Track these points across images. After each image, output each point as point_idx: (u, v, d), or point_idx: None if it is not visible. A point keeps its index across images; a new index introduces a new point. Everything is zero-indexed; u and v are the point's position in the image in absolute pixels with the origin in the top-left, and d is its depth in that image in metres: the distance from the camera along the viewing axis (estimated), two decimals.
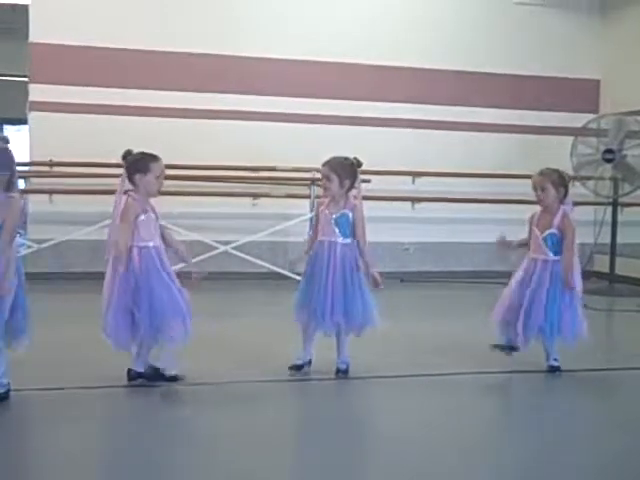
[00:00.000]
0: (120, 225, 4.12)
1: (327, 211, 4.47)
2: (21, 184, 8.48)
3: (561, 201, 4.65)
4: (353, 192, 4.49)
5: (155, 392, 4.14)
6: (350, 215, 4.44)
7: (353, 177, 4.46)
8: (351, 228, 4.43)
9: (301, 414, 4.03)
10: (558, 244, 4.61)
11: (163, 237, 4.28)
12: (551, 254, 4.61)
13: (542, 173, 4.70)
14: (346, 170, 4.43)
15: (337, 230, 4.42)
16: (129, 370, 4.20)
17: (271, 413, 3.89)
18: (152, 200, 4.28)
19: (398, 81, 8.93)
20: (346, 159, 4.49)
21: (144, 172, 4.18)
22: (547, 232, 4.62)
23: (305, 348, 4.52)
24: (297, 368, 4.50)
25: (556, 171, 4.70)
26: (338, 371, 4.51)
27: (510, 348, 4.66)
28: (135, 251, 4.10)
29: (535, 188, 4.68)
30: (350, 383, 4.45)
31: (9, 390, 3.87)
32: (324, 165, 4.49)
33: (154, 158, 4.26)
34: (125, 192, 4.20)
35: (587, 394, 4.44)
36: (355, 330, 4.49)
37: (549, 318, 4.56)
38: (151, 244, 4.15)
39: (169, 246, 4.29)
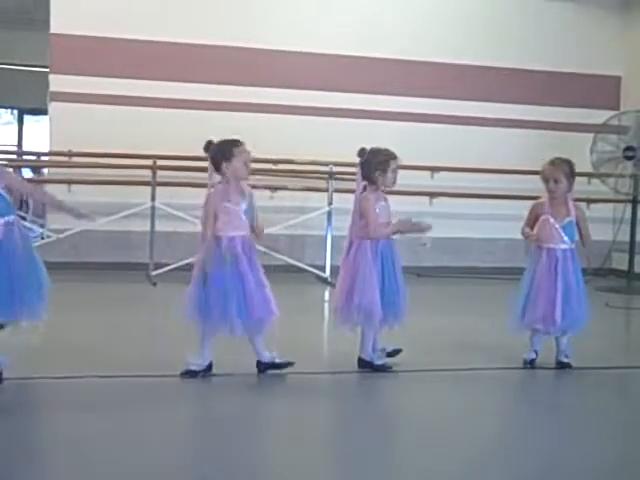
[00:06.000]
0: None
1: None
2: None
3: (569, 190, 4.66)
4: None
5: (176, 383, 4.15)
6: None
7: None
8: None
9: (321, 407, 4.04)
10: (574, 231, 4.65)
11: None
12: (569, 241, 4.64)
13: (554, 164, 4.68)
14: None
15: None
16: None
17: (298, 405, 3.91)
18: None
19: (418, 75, 8.91)
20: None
21: (229, 159, 4.08)
22: (566, 220, 4.63)
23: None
24: None
25: (566, 161, 4.70)
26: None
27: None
28: (224, 241, 4.06)
29: (547, 180, 4.65)
30: (367, 377, 4.45)
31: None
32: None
33: (235, 143, 4.13)
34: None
35: (605, 392, 4.41)
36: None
37: (581, 308, 4.61)
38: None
39: None
